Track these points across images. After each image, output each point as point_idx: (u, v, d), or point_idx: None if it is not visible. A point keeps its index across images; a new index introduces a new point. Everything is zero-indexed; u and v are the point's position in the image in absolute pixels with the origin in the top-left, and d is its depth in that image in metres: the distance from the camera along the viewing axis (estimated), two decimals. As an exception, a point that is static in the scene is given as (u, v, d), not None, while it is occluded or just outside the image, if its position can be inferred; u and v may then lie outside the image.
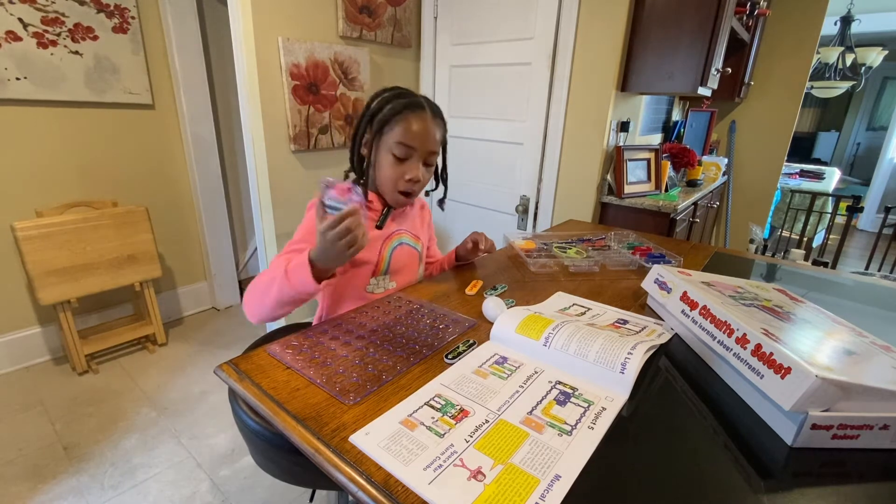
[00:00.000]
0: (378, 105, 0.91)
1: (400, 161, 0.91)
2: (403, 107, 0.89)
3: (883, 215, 2.59)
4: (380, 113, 0.90)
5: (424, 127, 0.90)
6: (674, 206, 1.76)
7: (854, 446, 0.52)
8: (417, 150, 0.91)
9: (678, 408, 0.59)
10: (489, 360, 0.68)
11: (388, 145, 0.90)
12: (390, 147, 0.90)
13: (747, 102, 2.80)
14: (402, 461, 0.48)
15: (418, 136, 0.90)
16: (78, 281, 1.85)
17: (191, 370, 2.02)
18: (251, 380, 0.62)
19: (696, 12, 1.59)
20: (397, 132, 0.89)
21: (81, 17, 1.84)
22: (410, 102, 0.90)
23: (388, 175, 0.92)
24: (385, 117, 0.89)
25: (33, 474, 1.45)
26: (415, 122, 0.89)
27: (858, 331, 0.69)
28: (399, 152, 0.90)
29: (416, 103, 0.90)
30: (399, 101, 0.90)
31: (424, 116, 0.91)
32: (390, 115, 0.89)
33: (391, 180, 0.93)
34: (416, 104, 0.90)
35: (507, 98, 2.04)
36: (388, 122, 0.89)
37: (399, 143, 0.89)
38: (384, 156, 0.92)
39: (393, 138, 0.90)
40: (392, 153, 0.90)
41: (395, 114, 0.89)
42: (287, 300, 0.76)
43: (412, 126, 0.89)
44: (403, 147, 0.90)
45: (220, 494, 1.41)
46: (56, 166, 1.91)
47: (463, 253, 1.11)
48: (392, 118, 0.89)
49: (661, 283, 0.84)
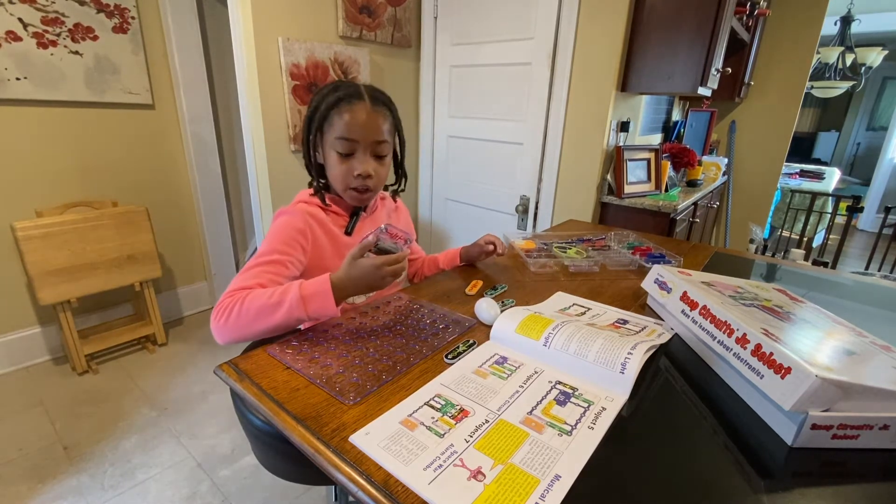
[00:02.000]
0: (315, 103, 0.86)
1: (345, 157, 0.86)
2: (338, 99, 0.84)
3: (883, 215, 2.59)
4: (317, 111, 0.85)
5: (363, 117, 0.84)
6: (674, 206, 1.76)
7: (854, 446, 0.52)
8: (360, 143, 0.86)
9: (678, 408, 0.59)
10: (489, 360, 0.68)
11: (330, 143, 0.86)
12: (332, 145, 0.86)
13: (747, 102, 2.80)
14: (402, 461, 0.48)
15: (358, 126, 0.84)
16: (78, 281, 1.85)
17: (191, 370, 2.02)
18: (251, 380, 0.62)
19: (696, 12, 1.59)
20: (336, 127, 0.84)
21: (81, 17, 1.84)
22: (345, 93, 0.84)
23: (336, 174, 0.88)
24: (322, 114, 0.85)
25: (33, 474, 1.45)
26: (351, 113, 0.84)
27: (858, 331, 0.69)
28: (341, 148, 0.85)
29: (351, 93, 0.85)
30: (333, 94, 0.85)
31: (362, 106, 0.85)
32: (326, 110, 0.84)
33: (341, 179, 0.88)
34: (351, 94, 0.84)
35: (507, 98, 2.04)
36: (326, 119, 0.85)
37: (339, 138, 0.85)
38: (329, 155, 0.88)
39: (333, 134, 0.85)
40: (335, 150, 0.86)
41: (329, 108, 0.84)
42: (290, 325, 0.72)
43: (349, 118, 0.83)
44: (344, 142, 0.85)
45: (220, 494, 1.41)
46: (56, 166, 1.91)
47: (475, 253, 1.08)
48: (329, 113, 0.84)
49: (661, 283, 0.84)
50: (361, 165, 0.87)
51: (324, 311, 0.71)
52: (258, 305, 0.71)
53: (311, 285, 0.72)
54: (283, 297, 0.71)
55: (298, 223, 0.86)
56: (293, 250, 0.84)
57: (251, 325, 0.71)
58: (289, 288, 0.72)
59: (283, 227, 0.86)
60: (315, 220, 0.89)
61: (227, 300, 0.74)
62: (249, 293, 0.74)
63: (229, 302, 0.73)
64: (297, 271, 0.86)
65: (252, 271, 0.79)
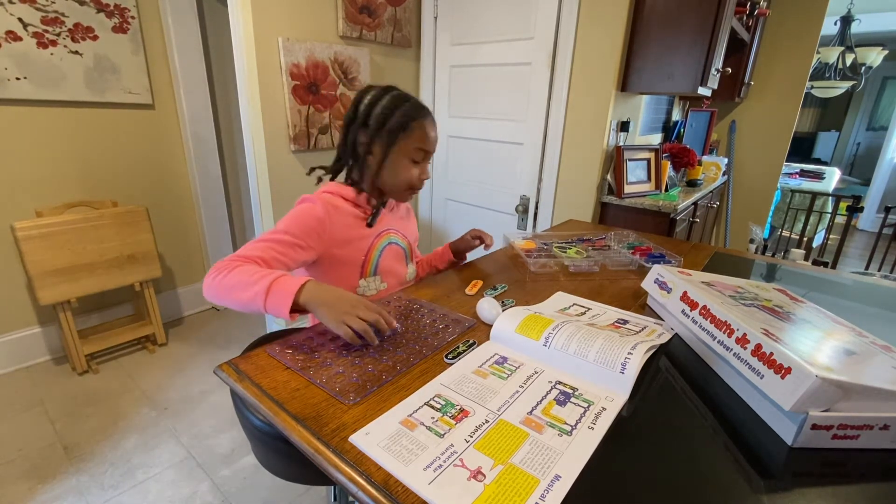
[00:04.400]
0: (386, 110, 0.91)
1: (416, 164, 0.96)
2: (419, 113, 0.93)
3: (883, 215, 2.59)
4: (392, 118, 0.91)
5: (435, 131, 0.98)
6: (674, 206, 1.76)
7: (854, 446, 0.52)
8: (430, 153, 0.98)
9: (678, 408, 0.59)
10: (489, 360, 0.68)
11: (406, 150, 0.94)
12: (408, 152, 0.94)
13: (747, 102, 2.80)
14: (402, 461, 0.48)
15: (433, 140, 0.97)
16: (78, 281, 1.85)
17: (191, 370, 2.02)
18: (251, 380, 0.62)
19: (696, 12, 1.59)
20: (417, 137, 0.93)
21: (81, 17, 1.84)
22: (420, 108, 0.94)
23: (403, 178, 0.96)
24: (401, 123, 0.91)
25: (33, 474, 1.45)
26: (430, 128, 0.95)
27: (858, 331, 0.69)
28: (418, 157, 0.95)
29: (424, 108, 0.95)
30: (408, 105, 0.93)
31: (431, 121, 0.96)
32: (407, 120, 0.92)
33: (405, 180, 0.96)
34: (425, 109, 0.95)
35: (507, 98, 2.03)
36: (405, 128, 0.92)
37: (419, 148, 0.94)
38: (400, 160, 0.94)
39: (413, 143, 0.93)
40: (410, 158, 0.95)
41: (411, 119, 0.92)
42: (252, 310, 0.73)
43: (429, 132, 0.95)
44: (421, 152, 0.95)
45: (220, 494, 1.41)
46: (56, 166, 1.91)
47: (463, 247, 1.15)
48: (409, 124, 0.92)
49: (661, 283, 0.84)
50: (427, 171, 1.00)
51: (278, 311, 0.70)
52: (238, 280, 0.74)
53: (281, 283, 0.71)
54: (257, 282, 0.72)
55: (319, 212, 0.90)
56: (306, 237, 0.88)
57: (227, 294, 0.74)
58: (267, 275, 0.73)
59: (302, 213, 0.90)
60: (337, 210, 0.93)
61: (226, 262, 0.77)
62: (244, 265, 0.77)
63: (226, 265, 0.77)
64: (305, 256, 0.89)
65: (261, 244, 0.83)
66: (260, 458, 0.84)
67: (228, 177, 2.54)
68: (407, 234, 1.09)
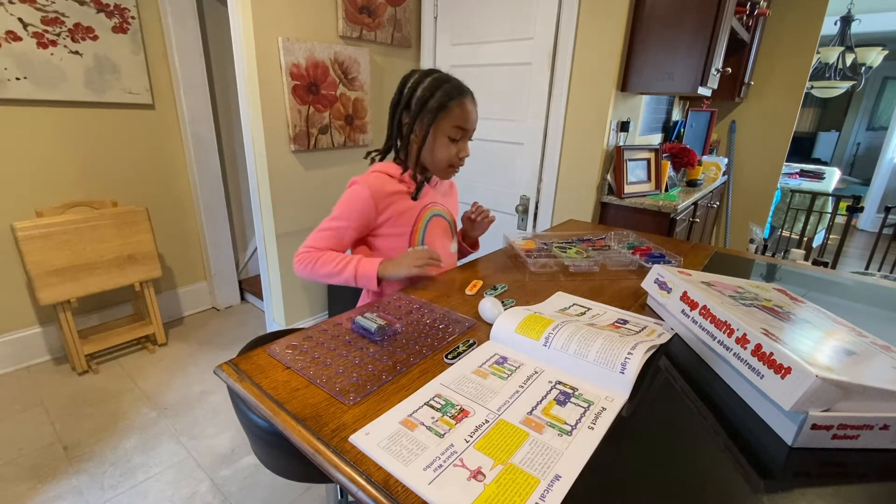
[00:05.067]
0: (427, 93, 0.97)
1: (455, 142, 1.01)
2: (458, 93, 0.97)
3: (883, 215, 2.59)
4: (432, 99, 0.96)
5: (475, 110, 1.02)
6: (674, 206, 1.76)
7: (854, 446, 0.52)
8: (469, 132, 1.02)
9: (678, 408, 0.59)
10: (489, 360, 0.68)
11: (445, 129, 0.99)
12: (446, 131, 0.99)
13: (747, 102, 2.80)
14: (402, 461, 0.48)
15: (471, 119, 1.01)
16: (78, 281, 1.85)
17: (191, 370, 2.02)
18: (251, 380, 0.62)
19: (696, 12, 1.59)
20: (455, 116, 0.98)
21: (81, 17, 1.84)
22: (460, 88, 0.99)
23: (443, 155, 1.01)
24: (440, 103, 0.96)
25: (33, 474, 1.45)
26: (469, 107, 0.99)
27: (858, 331, 0.69)
28: (456, 134, 1.00)
29: (463, 88, 0.99)
30: (448, 86, 0.97)
31: (472, 100, 1.01)
32: (445, 100, 0.96)
33: (446, 158, 1.01)
34: (464, 89, 0.99)
35: (507, 98, 2.03)
36: (444, 108, 0.96)
37: (457, 126, 0.99)
38: (440, 138, 1.00)
39: (451, 122, 0.98)
40: (448, 136, 0.99)
41: (450, 99, 0.96)
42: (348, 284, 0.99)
43: (467, 110, 0.99)
44: (460, 130, 0.99)
45: (220, 494, 1.41)
46: (56, 166, 1.91)
47: (468, 227, 1.20)
48: (448, 103, 0.96)
49: (661, 283, 0.84)
50: (467, 149, 1.04)
51: (369, 286, 0.98)
52: (327, 271, 0.98)
53: (363, 269, 0.96)
54: (343, 270, 0.97)
55: (365, 193, 1.00)
56: (358, 219, 1.01)
57: (323, 279, 1.00)
58: (348, 263, 0.97)
59: (352, 197, 1.01)
60: (383, 188, 1.02)
61: (304, 254, 0.99)
62: (321, 256, 0.99)
63: (306, 257, 0.99)
64: (360, 234, 1.04)
65: (323, 234, 1.01)
66: (260, 457, 0.84)
67: (228, 177, 2.54)
68: (451, 209, 1.16)
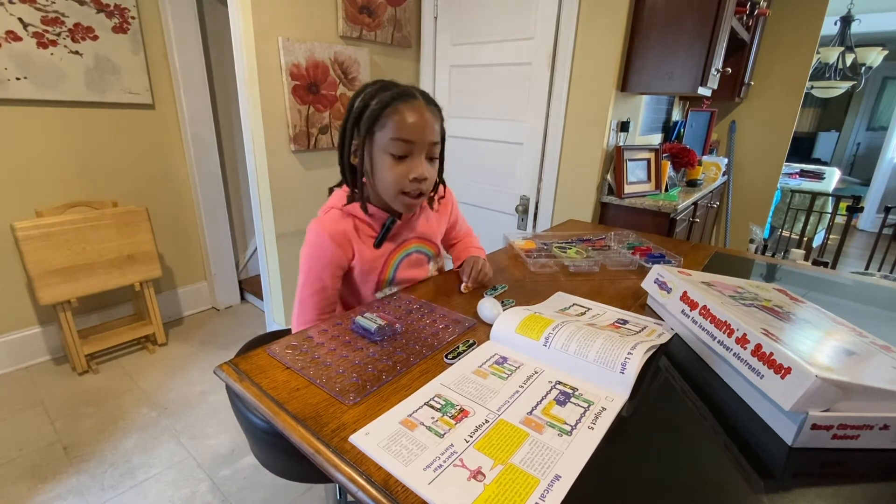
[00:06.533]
0: (363, 103, 0.80)
1: (399, 160, 0.81)
2: (392, 98, 0.78)
3: (883, 215, 2.59)
4: (366, 110, 0.79)
5: (421, 116, 0.80)
6: (674, 206, 1.76)
7: (854, 446, 0.52)
8: (417, 144, 0.81)
9: (678, 408, 0.59)
10: (489, 360, 0.68)
11: (383, 145, 0.80)
12: (385, 147, 0.80)
13: (747, 102, 2.80)
14: (402, 461, 0.48)
15: (415, 127, 0.79)
16: (78, 281, 1.85)
17: (191, 370, 2.02)
18: (251, 380, 0.62)
19: (696, 12, 1.59)
20: (391, 128, 0.78)
21: (81, 17, 1.84)
22: (400, 92, 0.79)
23: (388, 179, 0.82)
24: (374, 114, 0.79)
25: (33, 474, 1.45)
26: (409, 113, 0.79)
27: (858, 331, 0.69)
28: (396, 150, 0.80)
29: (405, 92, 0.80)
30: (385, 93, 0.79)
31: (418, 105, 0.80)
32: (379, 110, 0.78)
33: (393, 184, 0.82)
34: (405, 93, 0.80)
35: (507, 98, 2.03)
36: (377, 119, 0.79)
37: (395, 139, 0.79)
38: (381, 158, 0.81)
39: (387, 135, 0.79)
40: (389, 153, 0.80)
41: (383, 107, 0.78)
42: None
43: (407, 118, 0.78)
44: (401, 143, 0.79)
45: (220, 494, 1.41)
46: (56, 166, 1.91)
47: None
48: (381, 113, 0.78)
49: (661, 283, 0.84)
50: (418, 168, 0.81)
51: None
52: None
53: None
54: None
55: (329, 247, 0.86)
56: (332, 271, 0.88)
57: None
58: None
59: (316, 254, 0.86)
60: (345, 235, 0.87)
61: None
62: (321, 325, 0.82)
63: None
64: (338, 283, 0.91)
65: (307, 304, 0.88)
66: (259, 457, 0.84)
67: (228, 177, 2.54)
68: (435, 237, 1.01)
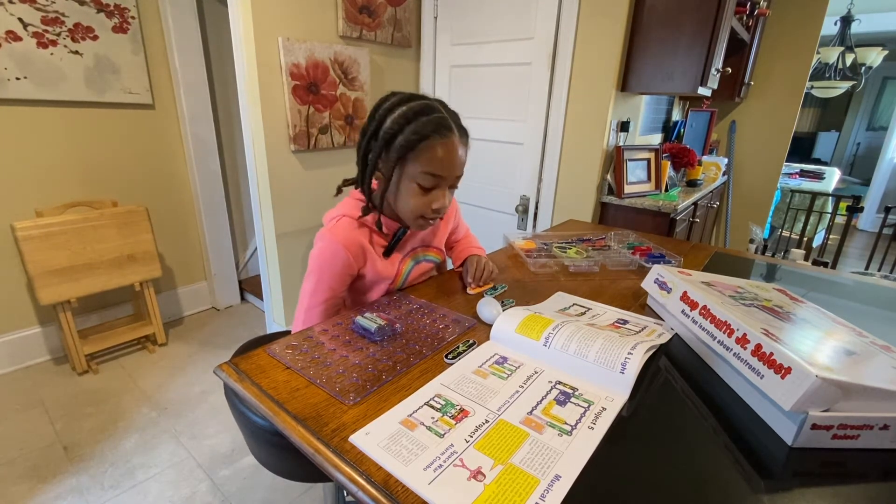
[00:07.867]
0: (395, 126, 0.78)
1: (426, 191, 0.82)
2: (431, 131, 0.77)
3: (883, 215, 2.59)
4: (400, 136, 0.77)
5: (454, 153, 0.80)
6: (674, 206, 1.76)
7: (854, 446, 0.52)
8: (446, 179, 0.82)
9: (678, 408, 0.59)
10: (489, 360, 0.68)
11: (412, 174, 0.80)
12: (414, 176, 0.80)
13: (747, 102, 2.80)
14: (402, 461, 0.48)
15: (448, 164, 0.80)
16: (78, 281, 1.85)
17: (191, 370, 2.02)
18: (251, 380, 0.62)
19: (696, 12, 1.59)
20: (424, 161, 0.78)
21: (81, 17, 1.84)
22: (437, 125, 0.77)
23: (411, 205, 0.83)
24: (409, 143, 0.77)
25: (33, 474, 1.45)
26: (443, 150, 0.78)
27: (858, 331, 0.69)
28: (425, 182, 0.80)
29: (442, 124, 0.78)
30: (421, 121, 0.77)
31: (453, 140, 0.79)
32: (416, 141, 0.77)
33: (415, 210, 0.83)
34: (443, 126, 0.78)
35: (507, 98, 2.03)
36: (412, 149, 0.77)
37: (426, 173, 0.79)
38: (407, 184, 0.81)
39: (419, 168, 0.79)
40: (416, 182, 0.80)
41: (420, 139, 0.77)
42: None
43: (441, 154, 0.78)
44: (430, 177, 0.80)
45: (220, 494, 1.41)
46: (56, 166, 1.91)
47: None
48: (417, 145, 0.77)
49: (661, 283, 0.84)
50: (440, 200, 0.83)
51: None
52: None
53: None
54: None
55: (341, 255, 0.85)
56: (342, 282, 0.88)
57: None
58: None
59: (327, 262, 0.85)
60: (356, 244, 0.87)
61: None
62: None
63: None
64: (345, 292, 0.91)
65: (314, 312, 0.87)
66: (259, 457, 0.84)
67: (228, 177, 2.54)
68: (439, 244, 1.02)
